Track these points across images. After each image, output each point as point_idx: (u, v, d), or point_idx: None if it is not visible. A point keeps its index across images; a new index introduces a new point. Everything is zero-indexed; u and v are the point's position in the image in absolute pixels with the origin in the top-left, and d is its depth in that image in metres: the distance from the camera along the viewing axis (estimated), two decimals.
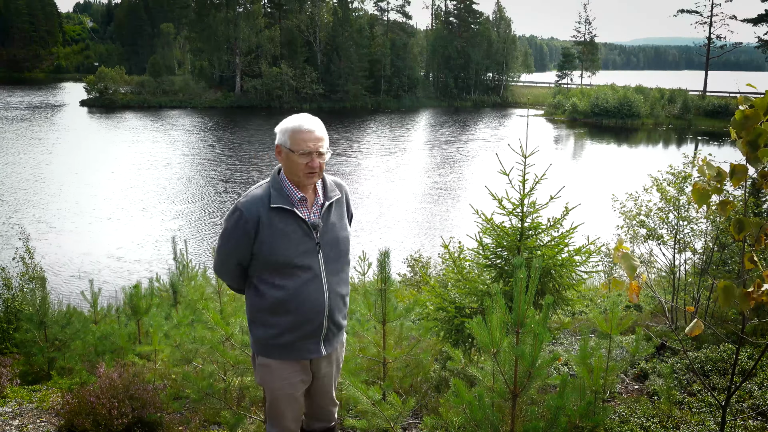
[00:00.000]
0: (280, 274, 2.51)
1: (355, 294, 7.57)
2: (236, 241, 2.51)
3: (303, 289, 2.52)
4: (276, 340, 2.57)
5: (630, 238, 7.55)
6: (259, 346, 2.64)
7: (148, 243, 17.23)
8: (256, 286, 2.57)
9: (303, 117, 2.54)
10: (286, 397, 2.67)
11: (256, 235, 2.48)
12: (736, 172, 1.99)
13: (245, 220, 2.47)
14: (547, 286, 4.72)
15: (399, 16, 71.44)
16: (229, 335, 3.66)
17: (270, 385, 2.67)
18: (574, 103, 54.28)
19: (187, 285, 7.51)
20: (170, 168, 28.55)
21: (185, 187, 24.72)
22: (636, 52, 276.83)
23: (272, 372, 2.63)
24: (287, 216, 2.50)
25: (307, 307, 2.53)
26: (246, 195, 2.54)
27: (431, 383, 4.71)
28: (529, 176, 4.60)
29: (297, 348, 2.59)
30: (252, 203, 2.49)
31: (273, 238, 2.47)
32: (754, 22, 49.82)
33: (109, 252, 16.35)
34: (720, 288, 1.99)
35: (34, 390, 5.29)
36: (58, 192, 23.14)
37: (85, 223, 19.27)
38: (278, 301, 2.51)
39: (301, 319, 2.55)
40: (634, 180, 10.35)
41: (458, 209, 21.89)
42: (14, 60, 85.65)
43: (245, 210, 2.47)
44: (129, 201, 22.10)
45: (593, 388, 3.32)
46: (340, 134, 41.75)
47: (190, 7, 64.77)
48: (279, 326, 2.54)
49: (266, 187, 2.55)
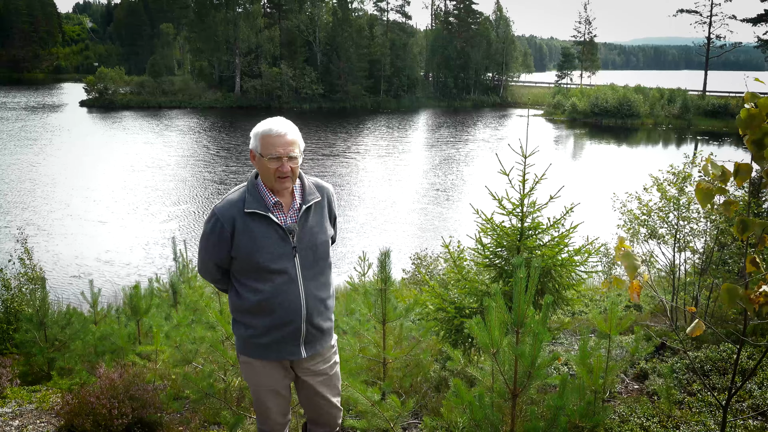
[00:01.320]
0: (257, 277, 2.54)
1: (355, 294, 7.57)
2: (213, 245, 2.57)
3: (278, 293, 2.54)
4: (256, 339, 2.62)
5: (631, 236, 7.55)
6: (240, 345, 2.70)
7: (147, 243, 17.22)
8: (236, 288, 2.63)
9: (274, 121, 2.53)
10: (269, 392, 2.73)
11: (232, 238, 2.51)
12: (741, 171, 1.98)
13: (221, 224, 2.51)
14: (546, 286, 4.72)
15: (399, 16, 71.49)
16: (229, 335, 3.66)
17: (252, 382, 2.74)
18: (573, 103, 54.26)
19: (186, 285, 7.51)
20: (170, 168, 28.55)
21: (185, 188, 24.70)
22: (636, 52, 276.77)
23: (253, 369, 2.70)
24: (262, 221, 2.51)
25: (283, 310, 2.55)
26: (223, 199, 2.57)
27: (431, 383, 4.71)
28: (529, 176, 4.60)
29: (275, 349, 2.63)
30: (227, 208, 2.53)
31: (248, 243, 2.50)
32: (753, 22, 49.89)
33: (109, 252, 16.34)
34: (723, 289, 1.98)
35: (34, 390, 5.29)
36: (58, 192, 23.13)
37: (85, 223, 19.25)
38: (255, 304, 2.56)
39: (278, 322, 2.57)
40: (634, 180, 10.36)
41: (458, 209, 21.90)
42: (14, 60, 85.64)
43: (220, 215, 2.52)
44: (129, 201, 22.08)
45: (593, 388, 3.32)
46: (339, 135, 41.75)
47: (190, 7, 64.71)
48: (258, 327, 2.59)
49: (242, 191, 2.57)
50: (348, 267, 11.99)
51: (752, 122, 1.88)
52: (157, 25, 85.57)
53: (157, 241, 17.37)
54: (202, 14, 60.65)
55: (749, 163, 1.98)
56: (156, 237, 17.79)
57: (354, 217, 20.68)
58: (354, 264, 10.61)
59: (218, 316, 3.81)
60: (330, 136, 40.73)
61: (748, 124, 1.89)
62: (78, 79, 77.97)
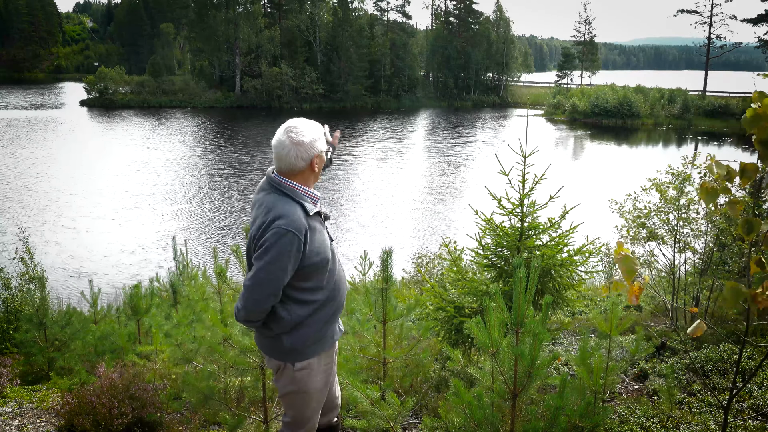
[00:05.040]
0: (322, 273, 2.52)
1: (356, 294, 7.56)
2: (287, 264, 2.37)
3: (339, 278, 2.62)
4: (318, 334, 2.57)
5: (631, 238, 7.54)
6: (296, 354, 2.55)
7: (148, 243, 17.22)
8: (296, 298, 2.49)
9: (306, 120, 2.55)
10: (322, 392, 2.69)
11: (304, 248, 2.41)
12: (747, 171, 1.97)
13: (298, 239, 2.37)
14: (546, 286, 4.71)
15: (399, 16, 71.46)
16: (228, 336, 3.66)
17: (311, 387, 2.61)
18: (573, 103, 54.26)
19: (187, 285, 7.51)
20: (169, 168, 28.55)
21: (185, 187, 24.70)
22: (636, 52, 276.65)
23: (312, 371, 2.60)
24: (316, 218, 2.53)
25: (342, 291, 2.64)
26: (281, 216, 2.37)
27: (431, 383, 4.71)
28: (529, 176, 4.60)
29: (331, 334, 2.64)
30: (296, 220, 2.38)
31: (319, 245, 2.49)
32: (754, 22, 49.84)
33: (109, 252, 16.35)
34: (727, 288, 1.97)
35: (34, 390, 5.29)
36: (58, 192, 23.13)
37: (85, 222, 19.26)
38: (324, 299, 2.55)
39: (338, 305, 2.64)
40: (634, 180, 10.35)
41: (458, 209, 21.90)
42: (14, 60, 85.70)
43: (295, 229, 2.36)
44: (128, 201, 22.08)
45: (593, 388, 3.32)
46: (342, 133, 41.67)
47: (190, 7, 64.70)
48: (318, 323, 2.56)
49: (288, 200, 2.44)
50: (349, 267, 11.99)
51: (758, 122, 1.88)
52: (157, 25, 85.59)
53: (158, 240, 17.37)
54: (203, 14, 60.64)
55: (755, 163, 1.98)
56: (156, 237, 17.79)
57: (354, 217, 20.68)
58: (355, 263, 10.61)
59: (215, 317, 3.80)
60: None
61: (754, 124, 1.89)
62: (78, 79, 78.02)
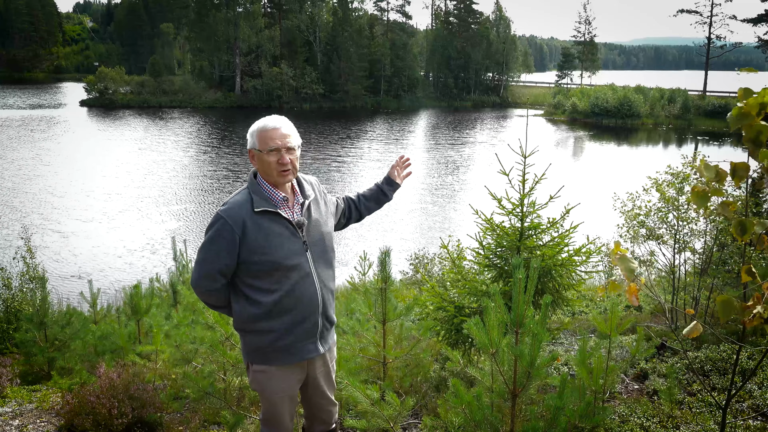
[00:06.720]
0: (272, 277, 2.49)
1: (355, 294, 7.56)
2: (220, 250, 2.46)
3: (297, 289, 2.52)
4: (274, 344, 2.55)
5: (631, 238, 7.55)
6: (254, 355, 2.60)
7: (147, 243, 17.22)
8: (247, 295, 2.53)
9: (268, 117, 2.57)
10: (284, 398, 2.67)
11: (241, 241, 2.45)
12: (738, 170, 1.94)
13: (230, 227, 2.43)
14: (546, 286, 4.71)
15: (399, 16, 71.46)
16: (229, 335, 3.66)
17: (269, 390, 2.65)
18: (573, 103, 54.26)
19: (187, 285, 7.50)
20: (170, 168, 28.55)
21: (185, 187, 24.70)
22: (636, 52, 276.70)
23: (270, 378, 2.62)
24: (272, 218, 2.50)
25: (303, 306, 2.54)
26: (226, 203, 2.51)
27: (431, 383, 4.71)
28: (529, 176, 4.60)
29: (297, 350, 2.59)
30: (235, 210, 2.46)
31: (263, 242, 2.46)
32: (754, 22, 49.74)
33: (109, 252, 16.35)
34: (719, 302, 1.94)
35: (34, 390, 5.29)
36: (58, 192, 23.13)
37: (85, 222, 19.26)
38: (273, 304, 2.49)
39: (299, 318, 2.54)
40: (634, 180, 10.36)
41: (458, 209, 21.89)
42: (14, 60, 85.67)
43: (228, 216, 2.44)
44: (129, 201, 22.08)
45: (593, 388, 3.32)
46: (340, 134, 41.73)
47: (190, 7, 64.68)
48: (276, 330, 2.53)
49: (245, 193, 2.53)
50: (348, 267, 11.99)
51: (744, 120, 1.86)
52: (157, 25, 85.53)
53: (157, 240, 17.37)
54: (203, 14, 60.67)
55: (746, 161, 1.96)
56: (156, 237, 17.79)
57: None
58: (354, 263, 10.60)
59: (217, 317, 3.81)
60: (330, 135, 40.71)
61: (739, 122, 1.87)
62: (78, 79, 78.03)
